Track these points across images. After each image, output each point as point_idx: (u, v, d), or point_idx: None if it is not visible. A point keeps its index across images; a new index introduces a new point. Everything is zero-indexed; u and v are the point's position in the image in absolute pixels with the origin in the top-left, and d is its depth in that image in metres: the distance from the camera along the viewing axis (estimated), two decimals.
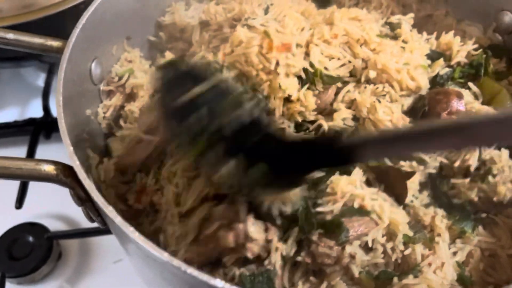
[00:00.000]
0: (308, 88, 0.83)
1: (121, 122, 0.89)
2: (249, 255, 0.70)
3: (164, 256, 0.55)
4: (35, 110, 1.36)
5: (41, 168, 0.66)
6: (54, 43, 0.82)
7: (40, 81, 1.44)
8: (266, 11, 0.93)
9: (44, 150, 1.27)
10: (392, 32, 0.93)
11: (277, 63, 0.81)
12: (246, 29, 0.87)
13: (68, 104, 0.73)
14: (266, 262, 0.71)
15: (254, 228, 0.69)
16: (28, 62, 1.39)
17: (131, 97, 0.91)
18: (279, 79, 0.81)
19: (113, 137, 0.87)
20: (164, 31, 1.04)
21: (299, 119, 0.83)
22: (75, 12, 1.17)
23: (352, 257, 0.70)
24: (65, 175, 0.67)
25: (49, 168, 0.67)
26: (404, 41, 0.89)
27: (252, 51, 0.82)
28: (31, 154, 1.24)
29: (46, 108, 1.33)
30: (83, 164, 0.68)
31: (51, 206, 1.16)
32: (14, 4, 1.17)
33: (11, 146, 1.32)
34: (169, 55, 0.97)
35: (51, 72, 1.39)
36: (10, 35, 0.79)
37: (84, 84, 0.85)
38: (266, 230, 0.71)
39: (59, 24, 1.20)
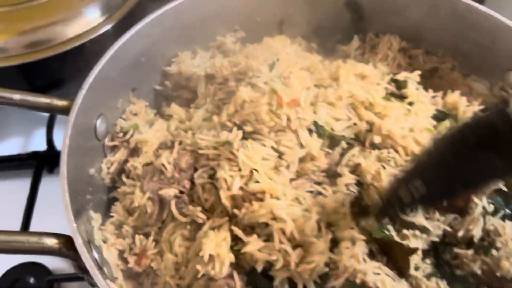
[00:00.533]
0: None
1: (123, 178, 0.89)
2: None
3: None
4: (39, 142, 1.36)
5: (44, 242, 0.66)
6: (60, 103, 0.82)
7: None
8: (271, 68, 0.93)
9: (47, 184, 1.27)
10: (398, 91, 0.93)
11: (289, 119, 0.81)
12: (249, 88, 0.87)
13: (72, 170, 0.73)
14: None
15: None
16: None
17: (135, 151, 0.91)
18: (300, 137, 0.81)
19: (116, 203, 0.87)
20: (170, 80, 1.03)
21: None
22: (82, 51, 1.19)
23: None
24: (67, 248, 0.68)
25: (52, 242, 0.67)
26: (410, 103, 0.89)
27: (262, 110, 0.82)
28: (34, 189, 1.24)
29: (50, 142, 1.33)
30: (85, 232, 0.68)
31: None
32: (21, 42, 1.17)
33: (14, 178, 1.32)
34: (174, 107, 0.97)
35: None
36: (17, 96, 0.79)
37: (88, 143, 0.85)
38: None
39: (65, 63, 1.21)
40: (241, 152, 0.77)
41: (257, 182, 0.75)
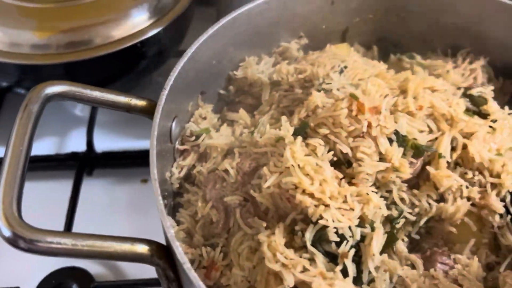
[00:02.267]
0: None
1: (186, 185, 0.86)
2: None
3: None
4: (76, 143, 1.32)
5: (136, 249, 0.63)
6: (139, 102, 0.79)
7: (78, 110, 1.40)
8: (340, 75, 0.91)
9: (87, 187, 1.24)
10: (475, 107, 0.91)
11: (369, 126, 0.78)
12: (322, 93, 0.85)
13: (158, 175, 0.70)
14: None
15: None
16: None
17: (203, 156, 0.88)
18: (380, 144, 0.77)
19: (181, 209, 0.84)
20: (234, 85, 1.01)
21: (394, 189, 0.79)
22: (129, 53, 1.16)
23: None
24: (158, 256, 0.64)
25: (143, 249, 0.63)
26: (493, 120, 0.87)
27: (342, 113, 0.78)
28: (76, 191, 1.21)
29: (89, 143, 1.29)
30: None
31: None
32: (63, 40, 1.13)
33: (52, 179, 1.28)
34: (242, 112, 0.94)
35: None
36: (96, 93, 0.76)
37: (164, 146, 0.82)
38: None
39: (109, 65, 1.17)
40: (287, 148, 0.73)
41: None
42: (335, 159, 0.77)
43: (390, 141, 0.79)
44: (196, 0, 1.31)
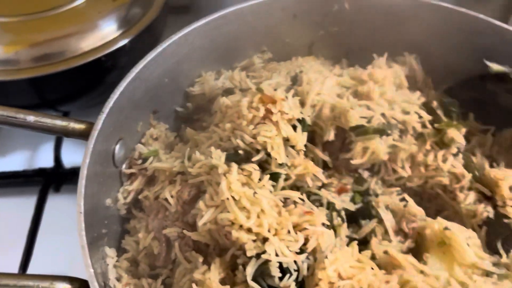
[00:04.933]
0: None
1: (133, 210, 0.83)
2: None
3: None
4: (45, 158, 1.29)
5: None
6: (77, 126, 0.75)
7: None
8: (294, 80, 0.88)
9: (54, 203, 1.21)
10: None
11: (269, 112, 0.76)
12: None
13: (88, 203, 0.66)
14: None
15: None
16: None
17: (152, 180, 0.84)
18: (281, 128, 0.76)
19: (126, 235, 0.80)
20: (192, 102, 0.97)
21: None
22: (97, 66, 1.13)
23: None
24: None
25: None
26: None
27: (242, 105, 0.78)
28: (39, 209, 1.17)
29: (57, 159, 1.26)
30: (100, 273, 0.61)
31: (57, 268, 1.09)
32: (32, 55, 1.11)
33: (19, 196, 1.25)
34: (189, 131, 0.90)
35: None
36: (31, 118, 0.72)
37: (106, 170, 0.78)
38: None
39: (78, 78, 1.14)
40: (222, 180, 0.69)
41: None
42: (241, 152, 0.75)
43: (294, 127, 0.78)
44: (169, 9, 1.28)
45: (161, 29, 1.30)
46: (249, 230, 0.65)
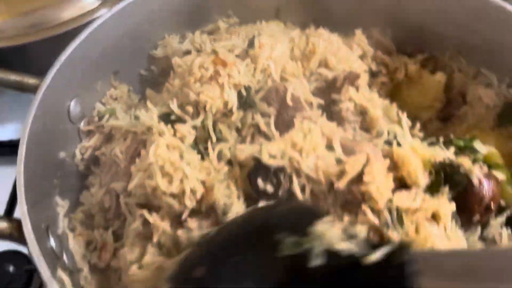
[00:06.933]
0: None
1: (92, 167, 0.85)
2: None
3: None
4: None
5: None
6: (31, 80, 0.77)
7: None
8: (251, 42, 0.88)
9: None
10: None
11: (218, 73, 0.77)
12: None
13: (35, 153, 0.69)
14: None
15: None
16: None
17: (110, 138, 0.86)
18: (224, 91, 0.77)
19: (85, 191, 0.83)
20: (157, 65, 0.99)
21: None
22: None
23: None
24: (20, 234, 0.63)
25: (2, 226, 0.63)
26: None
27: (195, 64, 0.79)
28: None
29: None
30: (45, 218, 0.64)
31: None
32: (16, 24, 1.14)
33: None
34: (149, 92, 0.91)
35: None
36: None
37: (60, 125, 0.81)
38: None
39: (60, 46, 1.17)
40: (152, 144, 0.71)
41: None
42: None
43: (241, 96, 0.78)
44: None
45: None
46: (173, 195, 0.67)
